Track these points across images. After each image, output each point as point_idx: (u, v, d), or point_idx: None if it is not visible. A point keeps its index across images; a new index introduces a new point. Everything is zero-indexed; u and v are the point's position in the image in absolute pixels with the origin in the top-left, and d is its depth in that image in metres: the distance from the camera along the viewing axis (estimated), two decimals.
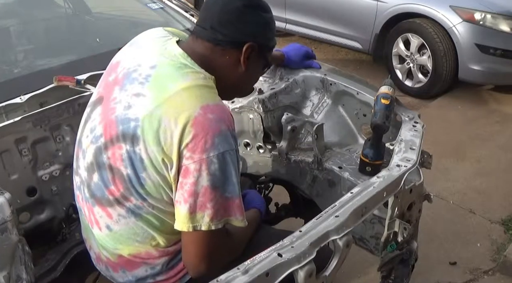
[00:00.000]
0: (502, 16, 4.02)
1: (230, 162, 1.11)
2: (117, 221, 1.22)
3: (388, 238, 1.47)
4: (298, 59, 1.91)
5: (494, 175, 3.29)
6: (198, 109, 1.10)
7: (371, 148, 1.61)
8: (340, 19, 4.86)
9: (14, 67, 2.26)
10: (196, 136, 1.08)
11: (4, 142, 1.57)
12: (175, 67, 1.18)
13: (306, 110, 1.96)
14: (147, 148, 1.12)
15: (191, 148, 1.08)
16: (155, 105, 1.13)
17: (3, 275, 1.20)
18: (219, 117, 1.11)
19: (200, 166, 1.09)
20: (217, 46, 1.21)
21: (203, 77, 1.17)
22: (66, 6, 2.85)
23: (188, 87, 1.13)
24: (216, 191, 1.11)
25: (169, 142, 1.10)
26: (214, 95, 1.16)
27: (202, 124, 1.09)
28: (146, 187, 1.16)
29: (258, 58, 1.27)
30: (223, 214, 1.14)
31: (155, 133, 1.11)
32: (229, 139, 1.11)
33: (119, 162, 1.16)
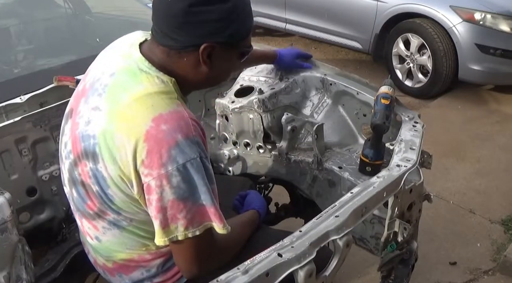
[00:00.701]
0: (502, 16, 4.01)
1: (194, 172, 1.04)
2: (104, 233, 1.21)
3: (388, 238, 1.47)
4: (290, 58, 1.93)
5: (494, 175, 3.29)
6: (149, 121, 1.03)
7: (371, 148, 1.60)
8: (340, 19, 4.86)
9: (14, 67, 2.27)
10: (151, 151, 1.02)
11: (4, 142, 1.57)
12: (130, 73, 1.11)
13: (306, 110, 1.97)
14: (106, 166, 1.08)
15: (148, 165, 1.03)
16: (108, 120, 1.08)
17: (3, 275, 1.20)
18: (173, 126, 1.04)
19: (161, 182, 1.03)
20: (172, 50, 1.11)
21: (159, 82, 1.09)
22: (66, 6, 2.85)
23: (139, 98, 1.07)
24: (185, 202, 1.06)
25: (125, 160, 1.05)
26: (169, 102, 1.08)
27: (155, 137, 1.02)
28: (116, 203, 1.13)
29: (224, 54, 1.13)
30: (200, 221, 1.08)
31: (110, 151, 1.07)
32: (188, 148, 1.04)
33: (88, 179, 1.14)
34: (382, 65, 4.79)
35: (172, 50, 1.11)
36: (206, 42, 1.09)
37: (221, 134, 1.94)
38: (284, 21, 5.41)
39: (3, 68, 2.21)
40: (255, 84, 1.91)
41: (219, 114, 1.89)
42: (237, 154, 1.95)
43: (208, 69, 1.13)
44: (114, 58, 1.18)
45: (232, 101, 1.85)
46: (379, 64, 4.91)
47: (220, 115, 1.89)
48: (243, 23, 1.13)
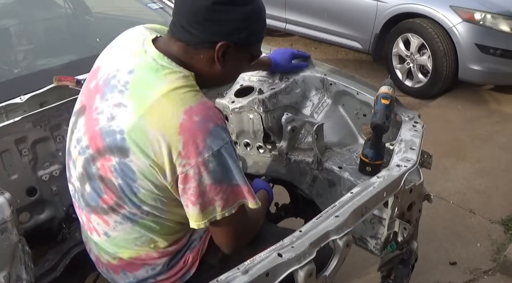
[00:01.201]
0: (502, 16, 4.02)
1: (227, 156, 1.11)
2: (114, 228, 1.22)
3: (388, 238, 1.47)
4: (284, 62, 1.92)
5: (494, 175, 3.29)
6: (182, 114, 1.08)
7: (371, 148, 1.60)
8: (340, 19, 4.86)
9: (14, 67, 2.26)
10: (187, 143, 1.07)
11: (4, 142, 1.57)
12: (152, 70, 1.14)
13: (306, 110, 1.96)
14: (138, 160, 1.11)
15: (185, 155, 1.08)
16: (138, 116, 1.11)
17: (3, 275, 1.20)
18: (205, 116, 1.10)
19: (199, 169, 1.09)
20: (189, 46, 1.16)
21: (182, 76, 1.14)
22: (66, 6, 2.85)
23: (167, 93, 1.10)
24: (221, 184, 1.12)
25: (159, 153, 1.08)
26: (195, 94, 1.13)
27: (190, 129, 1.07)
28: (140, 196, 1.15)
29: (237, 55, 1.19)
30: (235, 200, 1.16)
31: (143, 145, 1.09)
32: (220, 135, 1.10)
33: (110, 173, 1.16)
34: (382, 65, 4.79)
35: (190, 46, 1.16)
36: (223, 41, 1.14)
37: None
38: (284, 21, 5.41)
39: (3, 68, 2.21)
40: (255, 84, 1.91)
41: None
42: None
43: (221, 67, 1.18)
44: (128, 55, 1.20)
45: (232, 101, 1.85)
46: (379, 64, 4.91)
47: None
48: (259, 28, 1.21)
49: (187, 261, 1.31)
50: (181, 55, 1.17)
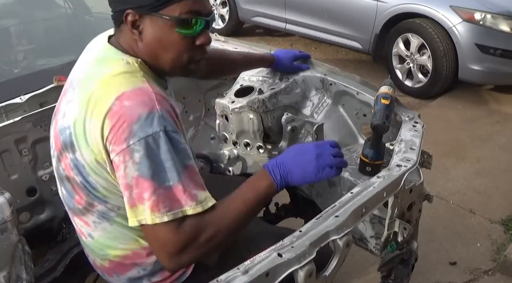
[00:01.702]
0: (502, 16, 4.02)
1: (157, 146, 1.02)
2: (95, 228, 1.21)
3: (388, 238, 1.47)
4: (287, 61, 1.92)
5: (494, 175, 3.29)
6: (113, 100, 1.04)
7: (371, 148, 1.60)
8: (340, 19, 4.86)
9: (14, 67, 2.26)
10: (113, 127, 1.03)
11: (4, 142, 1.57)
12: (97, 62, 1.14)
13: (306, 110, 1.96)
14: (83, 153, 1.09)
15: (111, 141, 1.03)
16: (80, 108, 1.10)
17: (3, 275, 1.20)
18: (136, 102, 1.04)
19: (124, 157, 1.02)
20: (117, 28, 1.14)
21: (124, 63, 1.11)
22: (66, 6, 2.85)
23: (105, 80, 1.09)
24: (149, 181, 1.02)
25: (95, 141, 1.06)
26: (133, 80, 1.08)
27: (118, 114, 1.03)
28: (100, 190, 1.13)
29: (152, 23, 1.09)
30: (170, 206, 1.03)
31: (84, 137, 1.08)
32: (151, 123, 1.02)
33: (71, 171, 1.15)
34: (382, 65, 4.79)
35: (117, 27, 1.15)
36: (126, 9, 1.09)
37: (221, 134, 1.94)
38: (284, 21, 5.41)
39: (3, 68, 2.21)
40: (255, 84, 1.91)
41: (219, 114, 1.89)
42: (237, 154, 1.95)
43: (142, 41, 1.12)
44: (86, 54, 1.22)
45: (232, 101, 1.85)
46: (379, 64, 4.92)
47: (220, 115, 1.89)
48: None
49: None
50: (119, 42, 1.15)
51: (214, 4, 6.14)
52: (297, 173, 1.15)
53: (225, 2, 6.01)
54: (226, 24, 6.13)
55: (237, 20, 6.01)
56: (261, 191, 1.15)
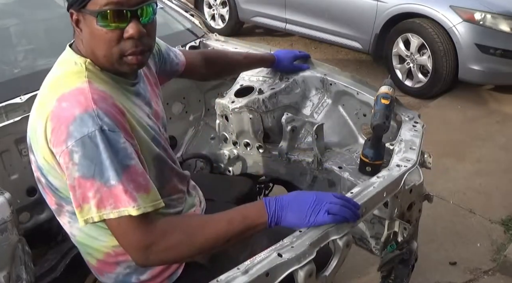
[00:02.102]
0: (502, 16, 4.02)
1: (94, 146, 1.01)
2: (71, 228, 1.23)
3: (388, 238, 1.47)
4: (287, 61, 1.93)
5: (494, 175, 3.29)
6: (54, 102, 1.07)
7: (371, 148, 1.60)
8: (340, 19, 4.86)
9: (14, 67, 2.26)
10: (53, 129, 1.05)
11: (4, 142, 1.57)
12: (57, 64, 1.18)
13: (306, 110, 1.97)
14: (36, 153, 1.12)
15: (53, 143, 1.05)
16: (33, 111, 1.15)
17: (3, 275, 1.20)
18: (73, 103, 1.04)
19: (64, 159, 1.03)
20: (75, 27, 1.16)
21: (72, 64, 1.13)
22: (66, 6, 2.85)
23: (50, 83, 1.12)
24: (91, 180, 1.01)
25: (42, 144, 1.09)
26: (75, 80, 1.08)
27: (57, 116, 1.05)
28: (62, 191, 1.14)
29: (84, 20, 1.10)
30: (115, 204, 1.02)
31: (35, 139, 1.11)
32: (86, 123, 1.02)
33: (36, 171, 1.17)
34: (382, 65, 4.79)
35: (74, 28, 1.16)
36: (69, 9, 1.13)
37: (221, 134, 1.94)
38: (284, 21, 5.41)
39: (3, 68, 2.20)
40: (255, 84, 1.91)
41: (219, 114, 1.89)
42: (237, 154, 1.95)
43: (84, 39, 1.13)
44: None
45: (232, 101, 1.85)
46: (379, 64, 4.91)
47: (220, 115, 1.89)
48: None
49: None
50: (76, 43, 1.18)
51: (214, 4, 6.14)
52: (291, 213, 1.12)
53: (225, 2, 6.01)
54: (226, 24, 6.13)
55: (237, 20, 6.01)
56: (250, 217, 1.12)
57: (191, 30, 2.46)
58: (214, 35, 2.40)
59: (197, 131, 2.27)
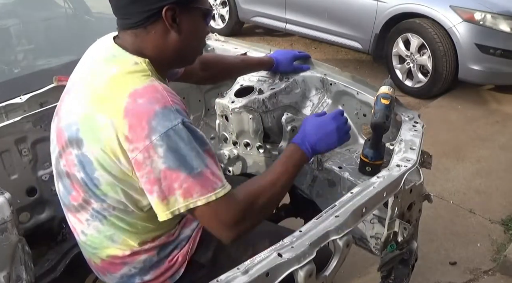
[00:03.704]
0: (502, 16, 4.02)
1: (178, 139, 1.05)
2: (88, 226, 1.23)
3: (388, 238, 1.47)
4: (286, 62, 1.92)
5: (494, 175, 3.29)
6: (126, 98, 1.06)
7: (371, 148, 1.60)
8: (340, 19, 4.86)
9: (14, 67, 2.26)
10: (132, 126, 1.05)
11: (4, 142, 1.57)
12: (103, 60, 1.16)
13: (306, 110, 1.96)
14: (92, 148, 1.10)
15: (132, 139, 1.05)
16: (87, 104, 1.12)
17: (3, 275, 1.20)
18: (150, 99, 1.06)
19: (148, 153, 1.04)
20: (138, 29, 1.15)
21: (132, 64, 1.13)
22: (66, 6, 2.85)
23: (114, 78, 1.11)
24: (177, 171, 1.05)
25: (109, 138, 1.07)
26: (143, 78, 1.11)
27: (134, 112, 1.05)
28: (102, 188, 1.14)
29: (188, 15, 1.16)
30: (201, 192, 1.07)
31: (94, 133, 1.09)
32: (168, 116, 1.05)
33: (73, 167, 1.16)
34: (382, 65, 4.79)
35: (139, 29, 1.15)
36: (165, 5, 1.11)
37: (221, 134, 1.94)
38: (284, 21, 5.41)
39: (3, 68, 2.21)
40: (255, 84, 1.91)
41: (219, 114, 1.89)
42: (237, 154, 1.95)
43: (178, 34, 1.16)
44: (91, 54, 1.24)
45: (232, 101, 1.85)
46: (379, 64, 4.92)
47: (220, 115, 1.89)
48: None
49: (175, 261, 1.30)
50: (135, 43, 1.16)
51: (214, 4, 6.14)
52: (322, 144, 1.33)
53: (225, 2, 6.01)
54: (226, 24, 6.13)
55: (237, 20, 6.02)
56: (297, 163, 1.29)
57: None
58: (214, 35, 2.40)
59: None
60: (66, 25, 2.85)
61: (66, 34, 2.73)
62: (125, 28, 1.17)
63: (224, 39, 2.26)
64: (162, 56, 1.17)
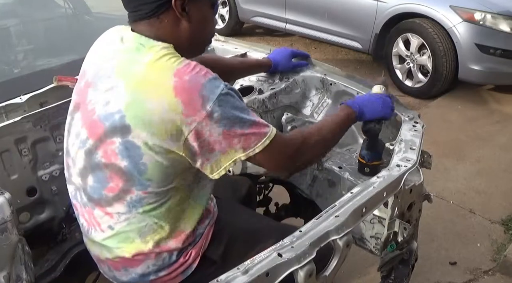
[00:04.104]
0: (502, 16, 4.02)
1: (227, 101, 1.13)
2: (118, 219, 1.23)
3: (388, 238, 1.47)
4: (285, 61, 1.93)
5: (494, 175, 3.29)
6: (172, 78, 1.11)
7: (367, 150, 1.60)
8: (340, 19, 4.86)
9: (14, 67, 2.26)
10: (185, 102, 1.10)
11: (4, 142, 1.57)
12: (132, 50, 1.18)
13: (306, 110, 1.97)
14: (141, 133, 1.12)
15: (188, 114, 1.10)
16: (131, 91, 1.13)
17: (3, 275, 1.20)
18: (193, 74, 1.12)
19: (206, 122, 1.11)
20: (151, 19, 1.19)
21: (162, 48, 1.17)
22: (66, 6, 2.85)
23: (152, 63, 1.14)
24: (235, 130, 1.14)
25: (161, 121, 1.10)
26: (178, 58, 1.16)
27: (183, 88, 1.10)
28: (148, 173, 1.16)
29: (197, 2, 1.22)
30: (258, 140, 1.17)
31: (143, 117, 1.11)
32: (213, 84, 1.13)
33: (114, 157, 1.17)
34: (382, 65, 4.79)
35: (152, 19, 1.19)
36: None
37: None
38: (284, 21, 5.41)
39: (3, 68, 2.21)
40: (255, 84, 1.91)
41: None
42: None
43: (188, 23, 1.21)
44: (107, 47, 1.25)
45: None
46: (379, 64, 4.92)
47: None
48: None
49: (189, 256, 1.31)
50: (151, 32, 1.19)
51: None
52: (369, 108, 1.50)
53: (225, 2, 6.01)
54: (226, 24, 6.14)
55: (237, 20, 6.02)
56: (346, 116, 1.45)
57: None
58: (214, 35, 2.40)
59: None
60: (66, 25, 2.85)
61: (66, 34, 2.73)
62: (138, 19, 1.20)
63: (224, 39, 2.26)
64: (178, 44, 1.21)
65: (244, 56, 2.18)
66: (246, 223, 1.50)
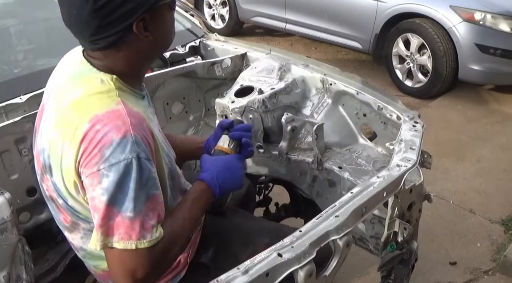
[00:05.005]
0: (502, 16, 4.02)
1: (127, 174, 1.00)
2: (84, 243, 1.21)
3: (388, 238, 1.47)
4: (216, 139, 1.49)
5: (494, 175, 3.29)
6: (86, 123, 1.02)
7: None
8: (340, 19, 4.86)
9: (14, 67, 2.26)
10: (85, 151, 1.01)
11: (4, 142, 1.57)
12: (71, 78, 1.12)
13: (306, 110, 1.96)
14: (58, 177, 1.08)
15: (83, 164, 1.02)
16: (53, 128, 1.08)
17: (3, 275, 1.20)
18: (109, 126, 1.01)
19: (93, 180, 1.01)
20: (107, 50, 1.09)
21: (98, 82, 1.08)
22: None
23: (77, 102, 1.06)
24: (110, 207, 1.00)
25: (69, 164, 1.04)
26: (107, 101, 1.05)
27: (90, 138, 1.01)
28: (81, 212, 1.12)
29: (158, 14, 1.09)
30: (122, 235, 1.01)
31: (58, 160, 1.06)
32: (124, 148, 1.00)
33: (52, 193, 1.14)
34: (382, 65, 4.79)
35: (108, 49, 1.09)
36: (134, 21, 1.05)
37: None
38: (284, 21, 5.41)
39: (3, 68, 2.21)
40: (255, 84, 1.91)
41: (219, 114, 1.89)
42: None
43: (152, 37, 1.10)
44: (61, 67, 1.20)
45: (232, 101, 1.85)
46: (379, 64, 4.91)
47: (220, 115, 1.89)
48: None
49: (178, 264, 1.30)
50: (103, 60, 1.11)
51: (214, 4, 6.14)
52: (228, 184, 1.25)
53: (225, 2, 6.01)
54: (226, 24, 6.13)
55: (237, 20, 6.01)
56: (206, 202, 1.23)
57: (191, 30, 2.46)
58: (214, 35, 2.40)
59: (197, 131, 2.27)
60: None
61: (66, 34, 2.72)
62: (95, 50, 1.11)
63: (224, 39, 2.26)
64: (135, 66, 1.13)
65: (244, 56, 2.19)
66: (237, 225, 1.48)
